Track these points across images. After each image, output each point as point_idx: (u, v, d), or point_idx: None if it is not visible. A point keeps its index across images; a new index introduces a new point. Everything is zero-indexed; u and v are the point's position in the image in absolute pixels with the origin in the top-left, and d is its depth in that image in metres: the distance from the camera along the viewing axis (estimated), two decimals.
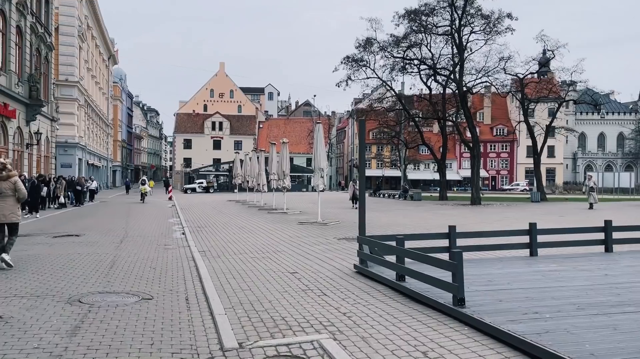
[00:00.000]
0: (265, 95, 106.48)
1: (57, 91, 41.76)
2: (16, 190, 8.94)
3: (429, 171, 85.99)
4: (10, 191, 8.89)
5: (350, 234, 14.43)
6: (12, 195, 8.91)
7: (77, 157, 46.34)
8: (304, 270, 9.01)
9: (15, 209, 9.01)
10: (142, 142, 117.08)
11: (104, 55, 67.27)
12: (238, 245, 12.43)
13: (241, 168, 35.76)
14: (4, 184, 8.87)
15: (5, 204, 8.83)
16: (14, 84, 25.74)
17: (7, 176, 8.93)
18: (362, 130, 9.24)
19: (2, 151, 25.20)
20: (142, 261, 9.97)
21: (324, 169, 17.58)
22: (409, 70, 36.03)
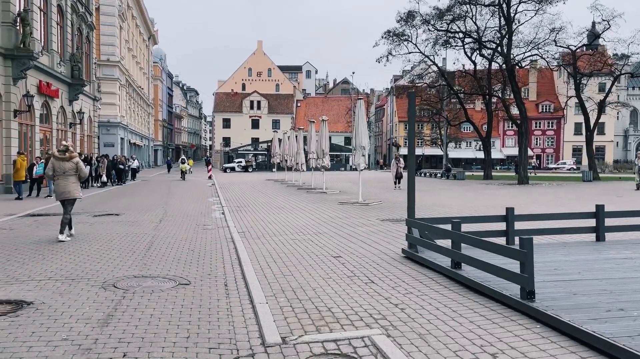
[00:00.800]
0: (303, 74, 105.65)
1: (99, 71, 42.28)
2: (77, 170, 9.85)
3: (471, 149, 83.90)
4: (72, 171, 9.80)
5: (394, 215, 13.80)
6: (74, 174, 9.83)
7: (119, 136, 47.07)
8: (348, 253, 8.48)
9: (77, 187, 10.00)
10: (182, 121, 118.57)
11: (144, 35, 67.78)
12: (278, 225, 12.01)
13: (279, 147, 35.40)
14: (67, 164, 9.75)
15: (68, 182, 9.79)
16: (56, 64, 25.93)
17: (69, 157, 9.80)
18: (411, 104, 8.53)
19: (46, 130, 25.56)
20: (180, 242, 9.66)
21: (365, 147, 16.91)
22: (453, 44, 34.57)
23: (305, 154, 29.02)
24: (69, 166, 9.78)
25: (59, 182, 9.84)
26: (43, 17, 24.59)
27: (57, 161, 9.82)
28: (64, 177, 9.78)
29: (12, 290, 5.98)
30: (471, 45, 34.70)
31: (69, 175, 9.80)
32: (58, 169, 9.78)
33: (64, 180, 9.79)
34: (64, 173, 9.76)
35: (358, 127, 16.87)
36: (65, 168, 9.76)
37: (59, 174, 9.79)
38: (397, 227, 11.46)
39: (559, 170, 67.92)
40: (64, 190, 9.79)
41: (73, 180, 9.86)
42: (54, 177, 9.92)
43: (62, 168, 9.77)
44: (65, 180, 9.79)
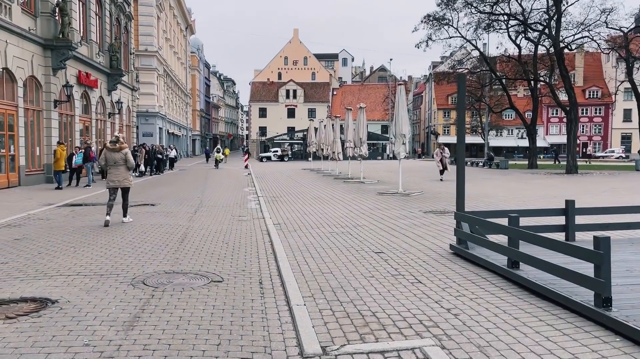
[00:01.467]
0: (339, 61, 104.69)
1: (137, 61, 42.64)
2: (126, 160, 10.45)
3: (512, 137, 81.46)
4: (122, 161, 10.42)
5: (437, 207, 13.13)
6: (123, 164, 10.45)
7: (158, 126, 47.55)
8: (391, 249, 7.92)
9: (127, 176, 10.61)
10: (220, 111, 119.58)
11: (182, 25, 68.23)
12: (314, 217, 11.54)
13: (315, 136, 34.94)
14: (117, 155, 10.37)
15: (118, 172, 10.43)
16: (95, 54, 26.12)
17: (119, 148, 10.40)
18: (461, 88, 7.85)
19: (86, 120, 25.82)
20: (214, 234, 9.31)
21: (405, 135, 16.22)
22: (496, 27, 33.15)
23: (342, 143, 28.48)
24: (119, 156, 10.39)
25: (111, 171, 10.50)
26: (82, 8, 24.74)
27: (109, 151, 10.47)
28: (115, 167, 10.43)
29: (39, 286, 5.70)
30: (516, 28, 33.23)
31: (119, 165, 10.41)
32: (110, 159, 10.40)
33: (115, 169, 10.44)
34: (115, 163, 10.40)
35: (398, 114, 16.19)
36: (116, 158, 10.38)
37: (110, 164, 10.42)
38: (442, 220, 10.82)
39: (607, 159, 65.05)
40: (115, 178, 10.45)
41: (123, 170, 10.47)
42: (107, 167, 10.55)
43: (113, 159, 10.39)
44: (117, 169, 10.43)
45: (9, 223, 10.54)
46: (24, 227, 10.07)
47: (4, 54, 17.44)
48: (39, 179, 20.28)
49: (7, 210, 12.50)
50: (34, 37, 19.54)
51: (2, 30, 17.22)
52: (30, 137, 19.98)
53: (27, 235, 9.13)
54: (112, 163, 10.42)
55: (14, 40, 18.07)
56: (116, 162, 10.40)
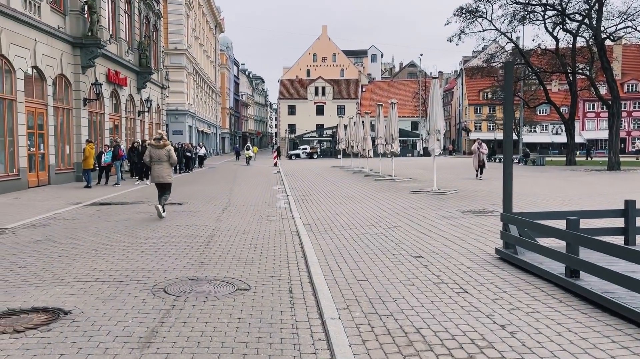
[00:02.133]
0: (368, 58, 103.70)
1: (167, 59, 42.83)
2: (169, 157, 10.84)
3: (547, 133, 79.29)
4: (165, 157, 10.81)
5: (475, 206, 12.42)
6: (166, 161, 10.85)
7: (187, 124, 47.73)
8: (430, 253, 7.33)
9: (170, 171, 11.06)
10: (249, 109, 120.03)
11: (211, 23, 68.46)
12: (346, 217, 11.01)
13: (345, 133, 34.36)
14: (161, 151, 10.77)
15: (162, 167, 10.82)
16: (124, 52, 26.13)
17: (163, 144, 10.81)
18: (508, 77, 7.19)
19: (115, 118, 25.86)
20: (242, 236, 8.87)
21: (440, 131, 15.52)
22: (532, 18, 31.90)
23: (373, 140, 27.85)
24: (162, 153, 10.79)
25: (154, 167, 10.89)
26: (111, 6, 24.75)
27: (153, 148, 10.87)
28: (159, 163, 10.83)
29: (54, 294, 5.34)
30: (553, 19, 31.92)
31: (163, 161, 10.82)
32: (154, 156, 10.81)
33: (159, 165, 10.83)
34: (159, 159, 10.81)
35: (432, 109, 15.50)
36: (160, 154, 10.78)
37: (154, 160, 10.83)
38: (482, 220, 10.14)
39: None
40: (158, 174, 10.87)
41: (166, 166, 10.87)
42: (151, 163, 10.95)
43: (157, 155, 10.79)
44: (160, 165, 10.83)
45: (34, 223, 10.34)
46: (48, 227, 9.83)
47: (33, 53, 17.43)
48: (68, 177, 20.32)
49: (34, 209, 12.36)
50: (63, 35, 19.54)
51: (32, 29, 17.21)
52: (60, 136, 20.02)
53: (50, 236, 8.87)
54: (157, 160, 10.81)
55: (43, 38, 18.07)
56: (160, 158, 10.79)
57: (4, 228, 9.65)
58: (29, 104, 17.45)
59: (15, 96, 16.36)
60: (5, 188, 15.75)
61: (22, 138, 16.66)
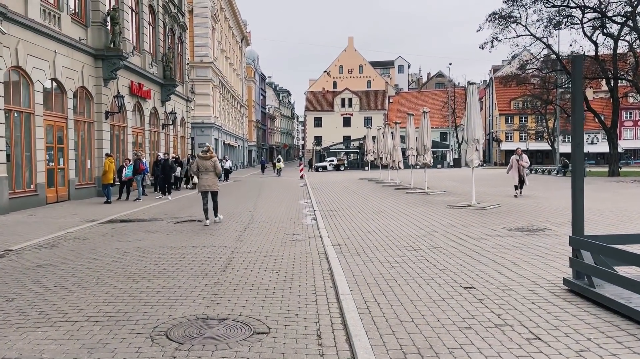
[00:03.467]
0: (395, 68, 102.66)
1: (193, 72, 42.63)
2: (215, 167, 11.95)
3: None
4: (211, 168, 11.91)
5: (522, 223, 11.19)
6: (212, 171, 11.94)
7: (213, 137, 47.33)
8: (483, 282, 6.21)
9: (216, 181, 12.10)
10: (275, 121, 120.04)
11: (237, 37, 68.55)
12: (379, 236, 9.94)
13: (373, 144, 33.31)
14: (207, 162, 11.92)
15: (208, 177, 11.93)
16: (147, 64, 25.72)
17: (209, 156, 11.98)
18: (577, 72, 6.10)
19: (139, 132, 25.38)
20: (263, 259, 7.89)
21: (479, 140, 14.35)
22: (570, 22, 30.40)
23: (403, 151, 26.76)
24: (209, 164, 11.91)
25: (202, 177, 11.99)
26: (134, 18, 24.40)
27: (201, 160, 12.03)
28: (206, 173, 11.94)
29: (34, 339, 4.43)
30: (592, 23, 30.36)
31: (210, 171, 11.91)
32: (201, 166, 11.94)
33: (206, 175, 11.93)
34: (206, 170, 11.91)
35: (470, 117, 14.35)
36: (207, 165, 11.91)
37: (202, 171, 11.93)
38: (534, 240, 8.94)
39: None
40: (206, 183, 11.94)
41: (212, 176, 11.95)
42: (198, 173, 12.07)
43: (204, 166, 11.91)
44: (207, 175, 11.93)
45: (41, 244, 9.58)
46: (55, 249, 9.04)
47: (53, 64, 16.97)
48: (90, 193, 19.78)
49: (46, 228, 11.66)
50: (84, 46, 19.10)
51: (51, 40, 16.77)
52: (81, 150, 19.52)
53: (53, 259, 8.05)
54: (204, 170, 11.92)
55: (63, 50, 17.62)
56: (207, 168, 11.90)
57: (8, 250, 8.90)
58: (48, 118, 16.96)
59: (33, 109, 15.87)
60: (23, 205, 15.20)
61: (40, 152, 16.14)
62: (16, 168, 15.24)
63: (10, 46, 14.51)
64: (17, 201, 14.95)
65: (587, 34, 31.07)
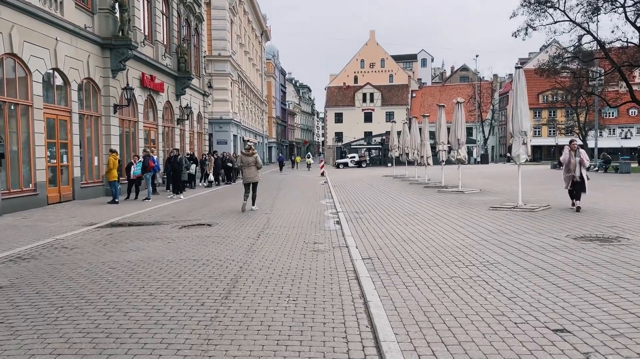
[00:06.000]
0: (418, 62, 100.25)
1: (211, 67, 41.30)
2: (256, 162, 13.61)
3: (614, 137, 73.70)
4: (253, 163, 13.58)
5: (587, 229, 9.37)
6: (254, 165, 13.61)
7: (232, 134, 46.00)
8: (576, 321, 4.52)
9: (257, 174, 13.79)
10: (295, 118, 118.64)
11: (257, 31, 67.12)
12: (418, 245, 8.27)
13: (398, 139, 31.53)
14: (250, 158, 13.61)
15: (250, 171, 13.63)
16: (160, 56, 24.37)
17: (252, 153, 13.65)
18: None
19: (152, 127, 24.07)
20: (277, 279, 6.32)
21: (527, 133, 12.55)
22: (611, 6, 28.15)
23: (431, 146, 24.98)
24: (251, 160, 13.64)
25: (245, 171, 13.78)
26: (146, 6, 23.06)
27: (244, 156, 13.84)
28: (248, 167, 13.67)
29: None
30: (637, 7, 28.05)
31: (251, 165, 13.63)
32: (244, 162, 13.75)
33: (248, 169, 13.69)
34: (248, 164, 13.65)
35: (517, 106, 12.54)
36: (249, 161, 13.65)
37: (244, 165, 13.75)
38: (616, 254, 7.16)
39: None
40: (249, 176, 13.72)
41: (254, 169, 13.66)
42: (242, 167, 13.93)
43: (247, 161, 13.66)
44: (249, 169, 13.67)
45: (19, 255, 8.16)
46: (31, 262, 7.60)
47: (54, 53, 15.65)
48: (96, 192, 18.49)
49: (34, 234, 10.28)
50: (90, 35, 17.77)
51: (52, 26, 15.44)
52: (87, 146, 18.23)
53: (21, 278, 6.59)
54: (246, 165, 13.67)
55: (66, 38, 16.29)
56: (249, 163, 13.63)
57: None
58: (50, 111, 15.66)
59: (31, 101, 14.55)
60: (20, 206, 13.91)
61: (39, 148, 14.83)
62: (12, 166, 13.94)
63: (2, 31, 13.17)
64: (13, 202, 13.66)
65: (630, 19, 28.75)
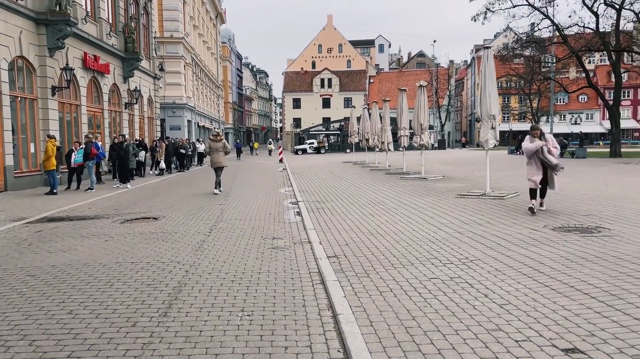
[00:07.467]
0: (375, 48, 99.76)
1: (163, 49, 39.35)
2: (224, 147, 14.55)
3: (565, 123, 75.49)
4: (221, 148, 14.48)
5: (564, 218, 8.80)
6: (222, 150, 14.50)
7: (186, 119, 44.16)
8: (585, 336, 3.80)
9: (224, 159, 14.73)
10: (253, 103, 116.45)
11: (211, 13, 64.74)
12: (388, 239, 7.49)
13: (358, 125, 30.82)
14: (218, 144, 14.50)
15: (218, 155, 14.47)
16: (105, 35, 22.63)
17: (219, 139, 14.69)
18: None
19: (97, 111, 22.38)
20: (229, 285, 5.38)
21: (495, 116, 11.97)
22: None
23: (392, 132, 24.42)
24: (219, 145, 14.48)
25: (213, 156, 14.48)
26: None
27: (212, 142, 14.65)
28: (216, 152, 14.41)
29: None
30: None
31: (220, 151, 14.43)
32: (212, 147, 14.50)
33: (216, 154, 14.42)
34: (216, 150, 14.40)
35: (485, 90, 11.90)
36: (217, 146, 14.44)
37: (213, 150, 14.46)
38: (602, 247, 6.54)
39: None
40: (217, 161, 14.46)
41: (222, 154, 14.48)
42: (210, 153, 14.60)
43: (215, 147, 14.42)
44: (217, 154, 14.42)
45: None
46: None
47: None
48: (34, 182, 16.91)
49: None
50: (21, 9, 16.04)
51: None
52: (21, 131, 16.58)
53: None
54: (214, 150, 14.42)
55: None
56: (217, 149, 14.43)
57: None
58: None
59: None
60: None
61: None
62: None
63: None
64: None
65: (587, 4, 28.85)
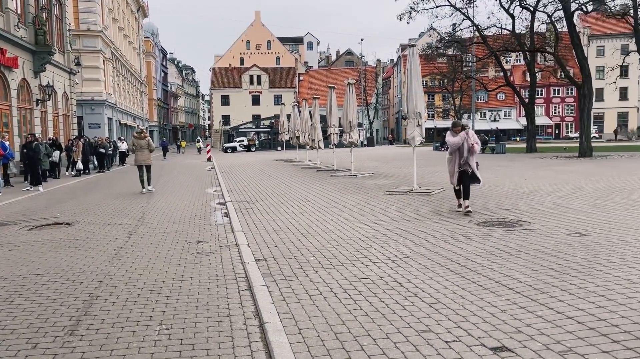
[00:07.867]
0: (304, 45, 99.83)
1: (79, 42, 37.16)
2: (149, 145, 14.35)
3: (485, 120, 79.03)
4: (146, 146, 14.26)
5: (487, 213, 9.03)
6: (147, 148, 14.27)
7: (106, 116, 41.95)
8: (512, 332, 3.79)
9: (150, 156, 14.40)
10: (179, 100, 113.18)
11: (132, 6, 62.03)
12: (318, 239, 7.32)
13: (288, 123, 30.60)
14: (142, 141, 14.28)
15: (144, 153, 14.19)
16: (12, 26, 20.94)
17: (144, 136, 14.49)
18: None
19: (4, 108, 20.67)
20: (147, 296, 4.98)
21: (421, 114, 12.14)
22: None
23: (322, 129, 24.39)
24: (144, 142, 14.19)
25: (138, 153, 14.13)
26: None
27: (136, 139, 14.37)
28: (141, 150, 14.10)
29: None
30: None
31: (144, 148, 14.14)
32: (137, 145, 14.19)
33: (141, 152, 14.09)
34: (141, 147, 14.11)
35: (411, 87, 12.04)
36: (142, 144, 14.17)
37: (137, 148, 14.13)
38: (523, 241, 6.72)
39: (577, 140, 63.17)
40: (142, 158, 14.12)
41: (147, 152, 14.16)
42: (135, 150, 14.22)
43: (139, 144, 14.15)
44: (142, 152, 14.09)
45: None
46: None
47: None
48: None
49: None
50: None
51: None
52: None
53: None
54: (139, 148, 14.06)
55: None
56: (142, 146, 14.08)
57: None
58: None
59: None
60: None
61: None
62: None
63: None
64: None
65: (503, 6, 30.23)
